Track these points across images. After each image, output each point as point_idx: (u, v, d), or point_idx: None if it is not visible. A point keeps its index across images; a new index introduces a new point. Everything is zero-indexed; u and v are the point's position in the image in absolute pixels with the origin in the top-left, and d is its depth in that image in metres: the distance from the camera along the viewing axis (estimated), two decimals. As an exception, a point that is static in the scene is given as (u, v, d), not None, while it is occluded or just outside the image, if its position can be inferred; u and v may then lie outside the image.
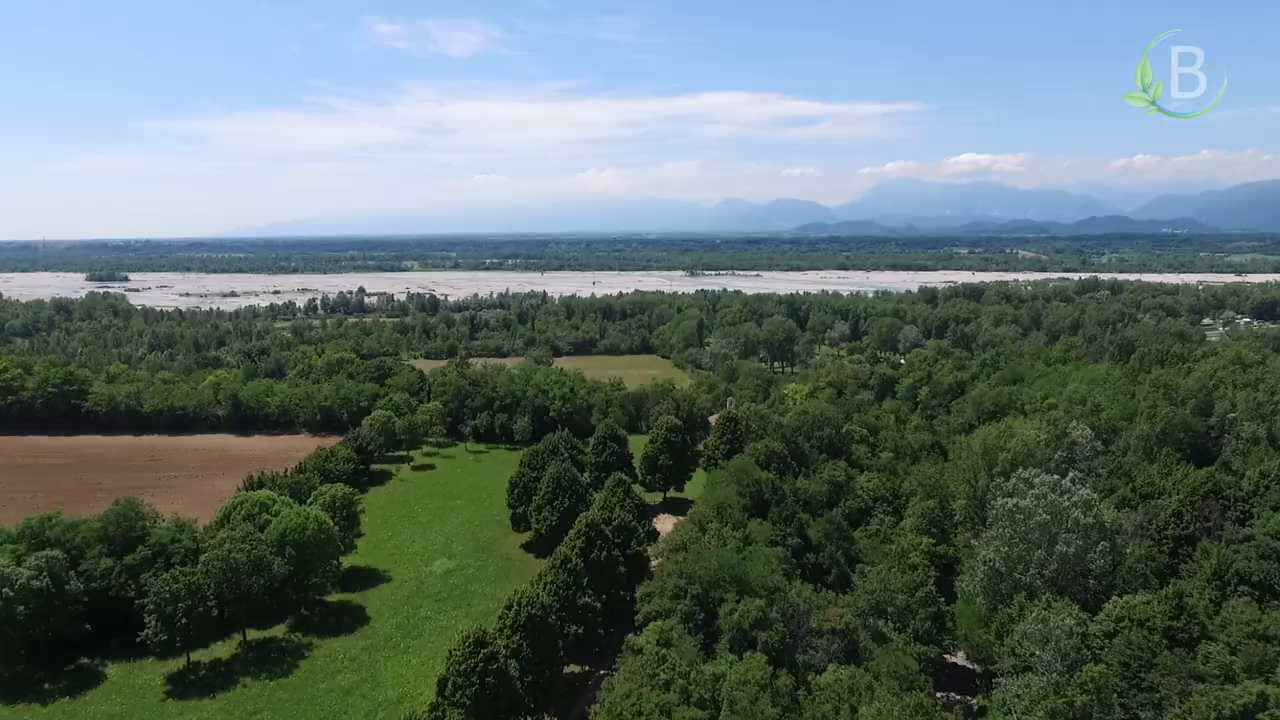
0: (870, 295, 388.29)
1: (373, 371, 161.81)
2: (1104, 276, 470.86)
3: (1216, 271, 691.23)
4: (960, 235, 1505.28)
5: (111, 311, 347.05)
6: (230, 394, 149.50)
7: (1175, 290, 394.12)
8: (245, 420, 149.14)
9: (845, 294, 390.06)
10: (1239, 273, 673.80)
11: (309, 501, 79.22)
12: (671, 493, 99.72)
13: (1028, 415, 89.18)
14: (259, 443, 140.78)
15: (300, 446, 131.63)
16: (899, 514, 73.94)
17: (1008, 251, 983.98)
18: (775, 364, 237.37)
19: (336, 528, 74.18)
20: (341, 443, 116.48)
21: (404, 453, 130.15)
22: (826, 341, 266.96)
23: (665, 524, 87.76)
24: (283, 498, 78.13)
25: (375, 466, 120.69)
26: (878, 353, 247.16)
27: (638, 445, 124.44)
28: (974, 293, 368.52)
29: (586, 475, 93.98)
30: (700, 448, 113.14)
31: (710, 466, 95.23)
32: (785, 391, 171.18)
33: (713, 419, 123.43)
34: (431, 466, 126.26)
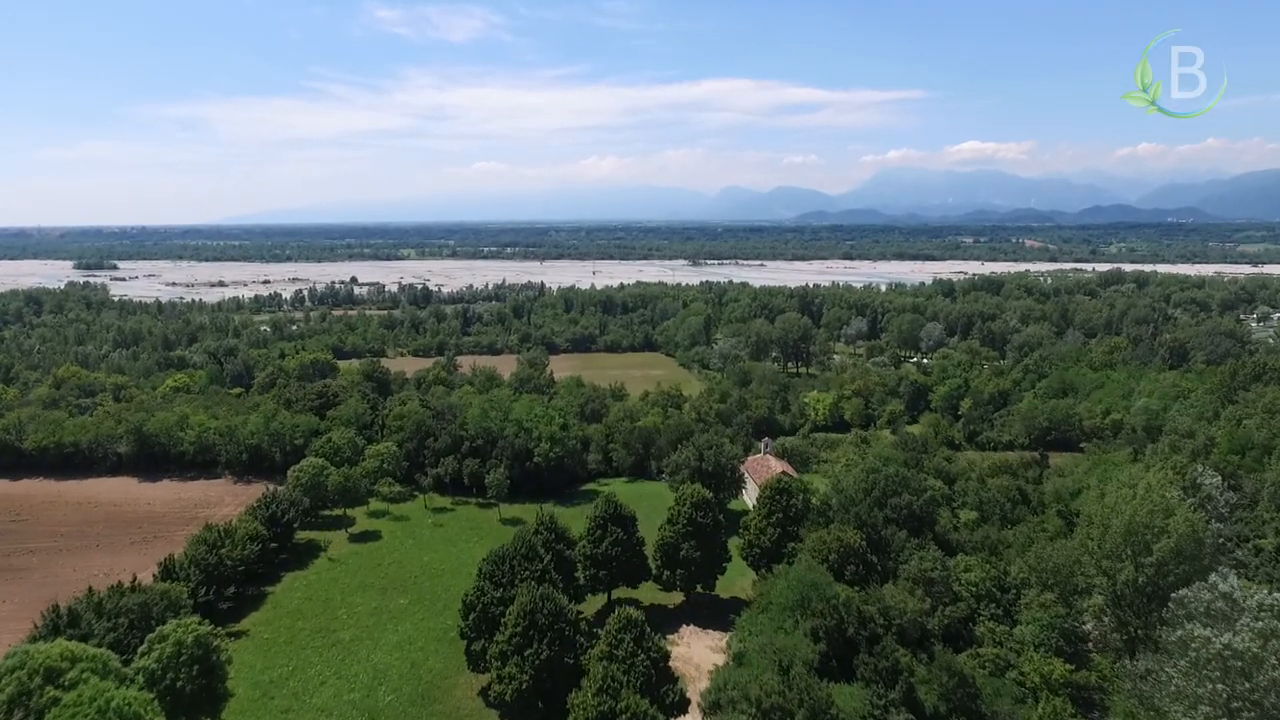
0: (883, 288, 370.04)
1: (312, 399, 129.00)
2: (1127, 268, 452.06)
3: (1230, 262, 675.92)
4: (964, 224, 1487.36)
5: (84, 304, 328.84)
6: (133, 427, 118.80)
7: (1202, 283, 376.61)
8: (154, 460, 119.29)
9: (858, 287, 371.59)
10: (1255, 263, 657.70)
11: (140, 654, 48.76)
12: (699, 588, 72.24)
13: (1148, 464, 71.63)
14: (164, 491, 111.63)
15: (215, 497, 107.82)
16: (1010, 615, 56.14)
17: (1014, 241, 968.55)
18: (789, 364, 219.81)
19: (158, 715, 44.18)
20: (247, 511, 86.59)
21: (342, 512, 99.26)
22: (842, 339, 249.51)
23: (690, 644, 65.54)
24: (95, 651, 46.90)
25: (301, 535, 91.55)
26: (899, 352, 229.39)
27: (646, 501, 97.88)
28: (993, 285, 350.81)
29: (579, 574, 67.44)
30: (733, 506, 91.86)
31: (756, 560, 70.20)
32: (806, 400, 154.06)
33: (744, 466, 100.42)
34: (376, 535, 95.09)
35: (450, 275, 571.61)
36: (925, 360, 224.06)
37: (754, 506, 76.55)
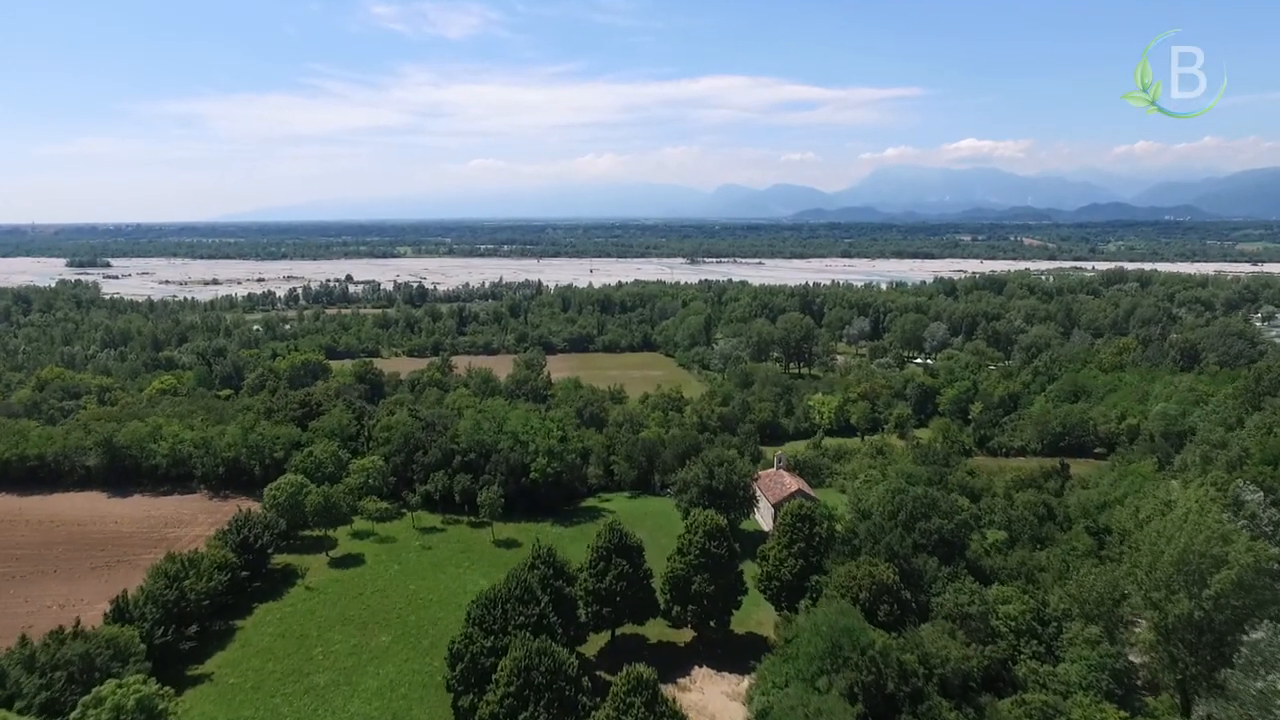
0: (884, 287, 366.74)
1: (294, 409, 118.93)
2: (1129, 267, 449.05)
3: (1229, 260, 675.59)
4: (961, 222, 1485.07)
5: (74, 302, 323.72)
6: (104, 438, 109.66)
7: (1205, 282, 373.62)
8: (125, 473, 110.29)
9: (859, 285, 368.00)
10: (1254, 262, 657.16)
11: (68, 720, 42.07)
12: (712, 624, 64.88)
13: (1184, 480, 67.62)
14: (134, 508, 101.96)
15: (188, 515, 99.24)
16: (1052, 652, 51.75)
17: (1012, 239, 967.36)
18: (791, 365, 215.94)
19: None
20: (217, 536, 78.78)
21: (323, 533, 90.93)
22: (844, 339, 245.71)
23: (704, 690, 59.28)
24: (18, 721, 39.61)
25: (277, 559, 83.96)
26: (903, 353, 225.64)
27: (650, 520, 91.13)
28: (995, 284, 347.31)
29: (581, 611, 60.85)
30: (745, 526, 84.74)
31: (775, 594, 62.91)
32: (811, 403, 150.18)
33: (756, 482, 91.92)
34: (359, 559, 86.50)
35: (446, 273, 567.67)
36: (929, 361, 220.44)
37: (772, 534, 68.23)
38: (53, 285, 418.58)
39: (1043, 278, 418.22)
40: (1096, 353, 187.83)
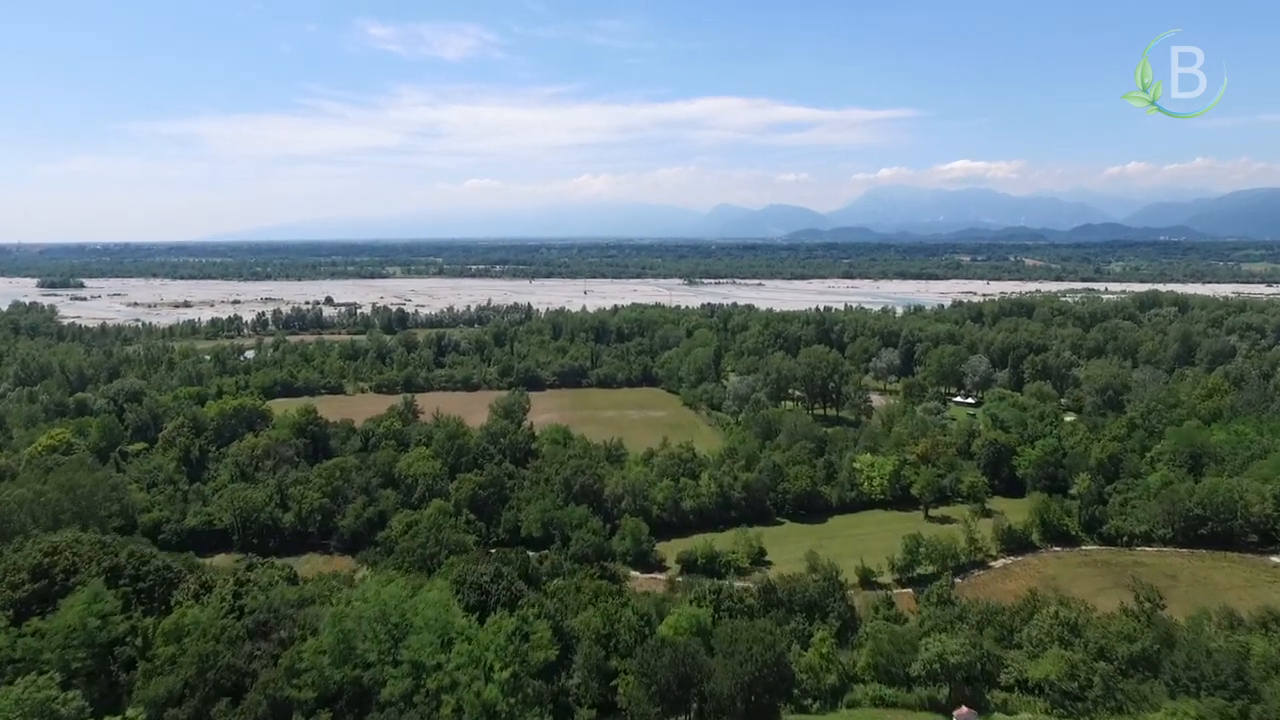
0: (900, 310, 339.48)
1: (22, 581, 61.64)
2: (1163, 289, 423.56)
3: (1240, 281, 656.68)
4: (958, 242, 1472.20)
5: (12, 328, 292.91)
6: None
7: (1244, 306, 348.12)
8: None
9: (874, 309, 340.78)
10: (1268, 282, 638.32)
11: None
12: None
13: None
14: None
15: None
16: None
17: (1012, 259, 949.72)
18: (815, 405, 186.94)
19: None
20: None
21: None
22: (871, 372, 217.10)
23: None
24: None
25: None
26: (941, 389, 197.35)
27: None
28: (1023, 308, 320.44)
29: None
30: None
31: None
32: (857, 465, 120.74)
33: None
34: None
35: (433, 295, 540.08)
36: (971, 399, 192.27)
37: None
38: (5, 308, 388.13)
39: (1067, 300, 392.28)
40: (1175, 391, 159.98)
